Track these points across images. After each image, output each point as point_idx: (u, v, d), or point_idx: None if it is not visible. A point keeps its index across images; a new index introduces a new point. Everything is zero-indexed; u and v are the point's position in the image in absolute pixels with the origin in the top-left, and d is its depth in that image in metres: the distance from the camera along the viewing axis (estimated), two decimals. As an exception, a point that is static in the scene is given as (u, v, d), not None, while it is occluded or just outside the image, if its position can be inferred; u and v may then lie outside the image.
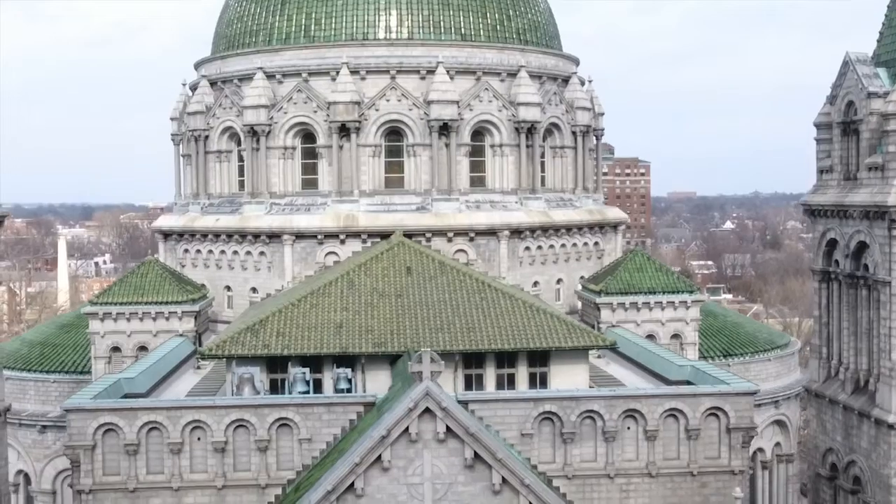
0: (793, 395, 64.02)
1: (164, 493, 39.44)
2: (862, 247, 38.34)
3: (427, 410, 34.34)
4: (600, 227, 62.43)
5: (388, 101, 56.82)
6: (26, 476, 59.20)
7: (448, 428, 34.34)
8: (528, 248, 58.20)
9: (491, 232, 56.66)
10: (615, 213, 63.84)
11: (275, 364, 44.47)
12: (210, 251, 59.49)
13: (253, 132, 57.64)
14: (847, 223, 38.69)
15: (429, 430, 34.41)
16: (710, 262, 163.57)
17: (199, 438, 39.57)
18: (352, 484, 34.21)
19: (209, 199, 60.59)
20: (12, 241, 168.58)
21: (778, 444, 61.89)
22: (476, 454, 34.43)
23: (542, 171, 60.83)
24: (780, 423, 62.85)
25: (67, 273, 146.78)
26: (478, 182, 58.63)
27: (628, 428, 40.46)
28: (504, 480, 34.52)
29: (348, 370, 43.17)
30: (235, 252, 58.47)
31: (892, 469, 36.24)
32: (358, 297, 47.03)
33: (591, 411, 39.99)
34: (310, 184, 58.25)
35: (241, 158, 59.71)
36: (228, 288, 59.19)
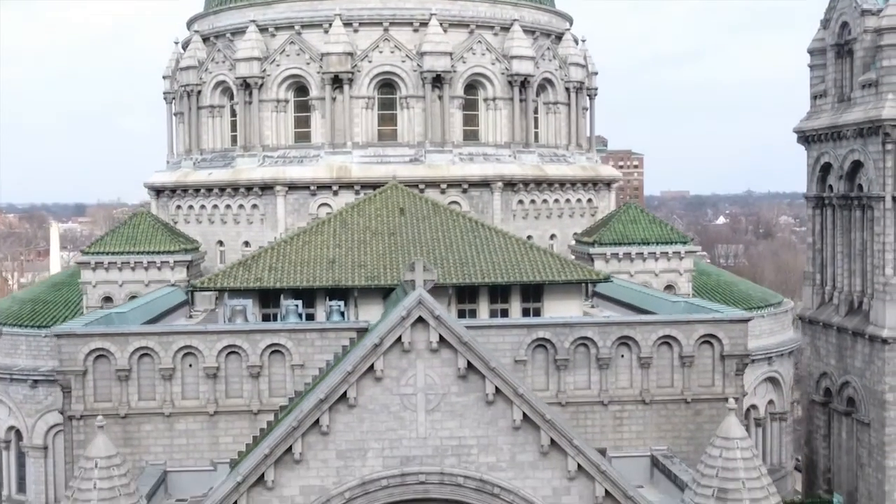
0: (786, 352, 63.83)
1: (155, 419, 39.18)
2: (856, 167, 38.26)
3: (420, 320, 34.08)
4: (594, 184, 62.30)
5: (380, 52, 56.73)
6: (17, 432, 58.71)
7: (441, 338, 34.08)
8: (521, 202, 58.04)
9: (484, 184, 56.51)
10: (609, 171, 63.79)
11: (267, 297, 44.30)
12: (202, 206, 59.24)
13: (245, 85, 57.49)
14: (841, 144, 38.62)
15: (422, 340, 34.16)
16: (703, 253, 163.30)
17: (190, 365, 39.34)
18: (344, 393, 33.92)
19: (202, 155, 60.40)
20: (5, 234, 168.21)
21: (771, 401, 61.63)
22: (469, 364, 34.17)
23: (536, 126, 60.78)
24: (773, 381, 62.63)
25: (60, 263, 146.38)
26: (471, 135, 58.53)
27: (622, 356, 40.29)
28: (497, 391, 34.25)
29: (341, 303, 42.97)
30: (228, 206, 58.23)
31: (885, 385, 36.08)
32: (351, 235, 46.90)
33: (585, 338, 39.82)
34: (303, 137, 58.09)
35: (233, 113, 59.54)
36: (221, 243, 58.93)
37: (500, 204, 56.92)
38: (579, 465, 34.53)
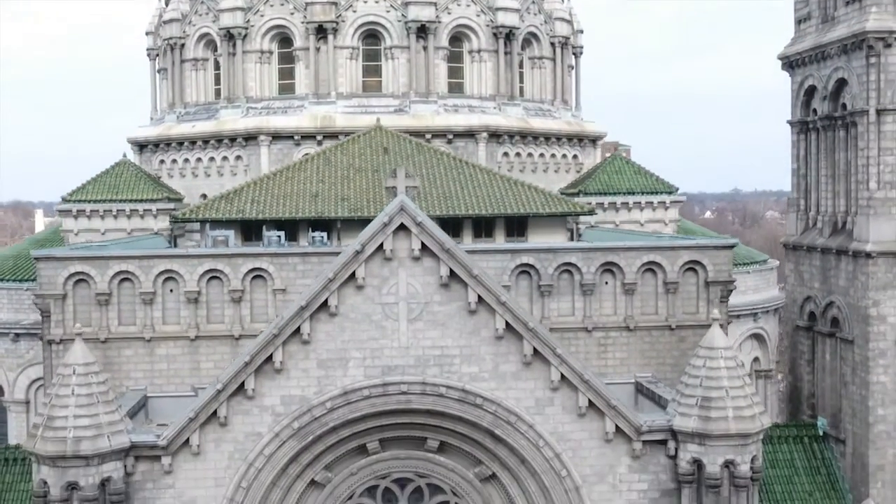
0: (771, 309, 63.80)
1: (135, 344, 38.82)
2: (840, 86, 38.18)
3: (402, 227, 33.86)
4: (579, 141, 62.13)
5: (365, 2, 56.46)
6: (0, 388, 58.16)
7: (423, 246, 33.85)
8: (506, 154, 57.81)
9: (469, 134, 56.25)
10: (594, 127, 63.59)
11: (249, 230, 43.99)
12: (186, 160, 58.84)
13: (229, 36, 57.20)
14: (825, 65, 38.55)
15: (404, 248, 33.94)
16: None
17: (171, 290, 38.98)
18: (325, 301, 33.66)
19: (185, 109, 60.03)
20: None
21: (756, 359, 61.49)
22: (452, 273, 33.95)
23: (521, 81, 60.56)
24: (758, 338, 62.53)
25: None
26: (456, 88, 58.28)
27: (606, 283, 40.07)
28: (480, 299, 34.03)
29: (324, 234, 42.66)
30: (212, 158, 57.85)
31: (869, 300, 35.94)
32: (334, 171, 46.64)
33: (569, 264, 39.58)
34: (287, 89, 57.77)
35: (217, 66, 59.17)
36: (205, 196, 58.34)
37: (484, 155, 56.62)
38: (562, 376, 34.35)
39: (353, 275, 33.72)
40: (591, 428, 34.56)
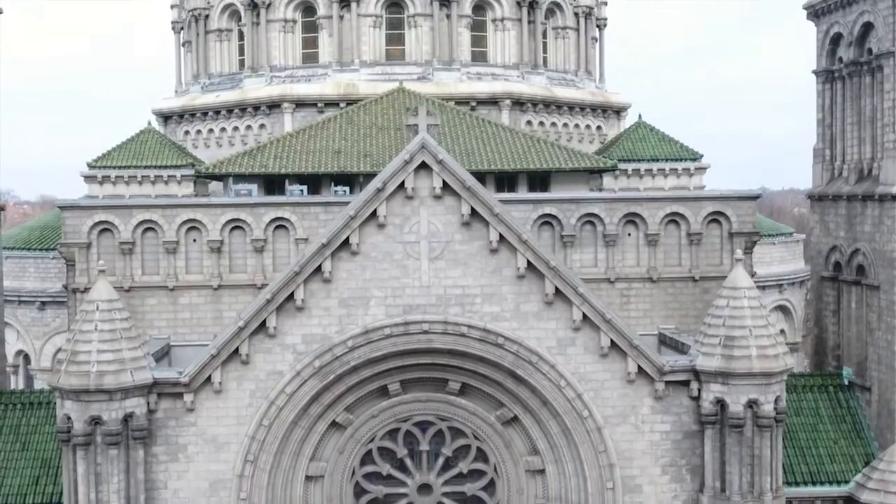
0: (797, 281, 63.43)
1: (159, 293, 39.00)
2: (866, 31, 37.87)
3: (423, 166, 33.84)
4: (603, 111, 61.92)
5: (388, -30, 56.59)
6: (26, 356, 58.60)
7: (444, 184, 33.81)
8: (529, 123, 57.65)
9: (492, 101, 56.13)
10: (618, 98, 63.38)
11: (272, 185, 44.12)
12: (210, 129, 59.07)
13: (254, 5, 57.41)
14: (850, 10, 38.27)
15: (425, 187, 33.92)
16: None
17: (194, 240, 39.17)
18: (347, 240, 33.67)
19: (209, 79, 60.32)
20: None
21: (782, 331, 61.06)
22: (473, 211, 33.89)
23: (545, 52, 60.46)
24: (784, 310, 62.24)
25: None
26: (479, 57, 58.22)
27: (629, 234, 39.95)
28: (501, 238, 33.95)
29: (346, 189, 42.75)
30: (236, 128, 58.05)
31: (895, 243, 35.61)
32: (357, 130, 46.74)
33: (592, 215, 39.50)
34: (310, 58, 57.87)
35: (241, 37, 59.40)
36: (229, 165, 58.69)
37: (507, 123, 56.45)
38: (584, 316, 34.20)
39: (374, 213, 33.72)
40: (613, 368, 34.38)
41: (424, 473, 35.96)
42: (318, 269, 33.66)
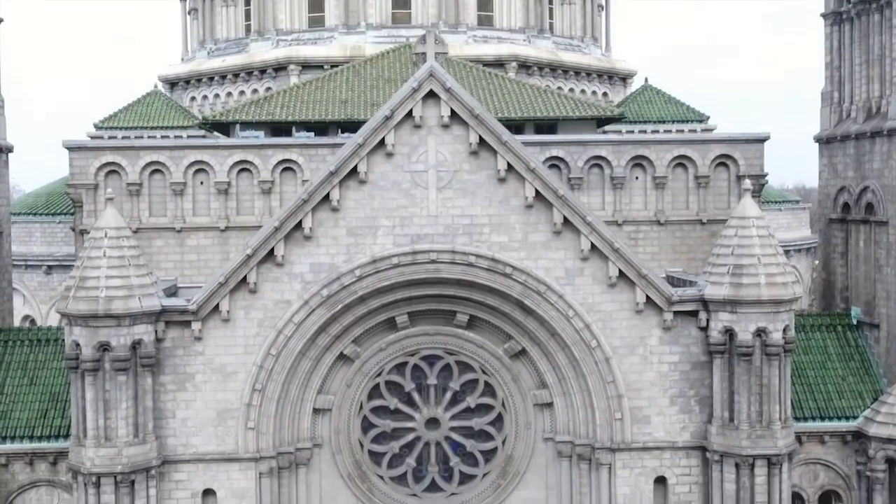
0: (804, 248, 63.37)
1: (166, 235, 38.95)
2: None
3: (431, 94, 33.84)
4: (609, 77, 61.95)
5: (394, -67, 56.69)
6: (32, 321, 58.55)
7: (453, 113, 33.80)
8: (535, 86, 57.64)
9: (498, 64, 56.05)
10: (625, 65, 63.39)
11: (279, 133, 43.91)
12: (216, 94, 59.16)
13: (260, -31, 57.51)
14: (859, -52, 38.35)
15: (433, 116, 33.90)
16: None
17: (201, 182, 39.13)
18: (355, 168, 33.66)
19: (216, 45, 60.43)
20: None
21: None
22: (481, 140, 33.86)
23: (551, 18, 60.52)
24: (792, 276, 62.03)
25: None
26: (485, 21, 58.27)
27: (636, 178, 39.89)
28: (509, 167, 33.92)
29: (353, 135, 42.57)
30: (242, 92, 58.09)
31: (904, 176, 35.60)
32: (363, 81, 46.72)
33: (599, 157, 39.44)
34: (316, 21, 57.91)
35: (247, 2, 59.49)
36: (235, 129, 58.73)
37: (514, 86, 56.47)
38: (592, 245, 34.14)
39: (382, 142, 33.70)
40: (622, 299, 34.32)
41: (432, 408, 35.91)
42: (327, 197, 33.64)
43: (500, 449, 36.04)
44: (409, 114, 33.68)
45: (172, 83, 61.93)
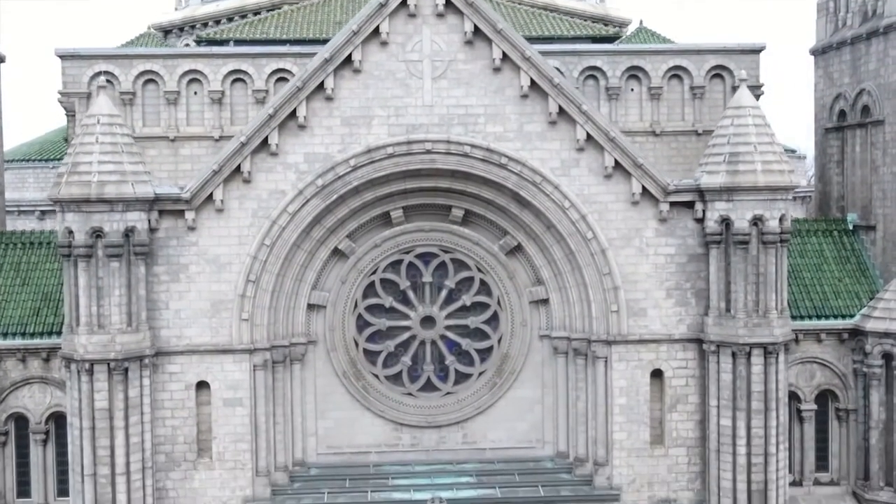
0: (798, 197, 63.27)
1: (160, 144, 38.73)
2: None
3: (426, -16, 33.73)
4: (604, 25, 61.77)
5: None
6: (24, 267, 58.23)
7: (447, 2, 33.66)
8: (530, 30, 57.55)
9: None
10: (619, 13, 63.31)
11: (273, 52, 43.80)
12: (211, 40, 58.92)
13: (254, -88, 57.44)
14: None
15: (428, 5, 33.71)
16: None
17: (195, 93, 38.91)
18: (349, 57, 33.50)
19: (211, -9, 60.30)
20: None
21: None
22: (476, 29, 33.74)
23: (544, -36, 60.46)
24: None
25: None
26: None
27: (632, 89, 39.76)
28: (505, 56, 33.79)
29: (348, 54, 42.41)
30: (237, 35, 57.89)
31: (900, 71, 35.56)
32: (358, 7, 46.40)
33: (594, 68, 39.32)
34: (312, -34, 57.82)
35: (243, -53, 59.42)
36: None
37: (508, 27, 56.39)
38: (588, 135, 33.99)
39: (377, 31, 33.52)
40: (618, 190, 34.19)
41: (427, 306, 35.71)
42: (321, 86, 33.47)
43: (495, 347, 35.84)
44: (404, 3, 33.52)
45: (166, 31, 61.68)
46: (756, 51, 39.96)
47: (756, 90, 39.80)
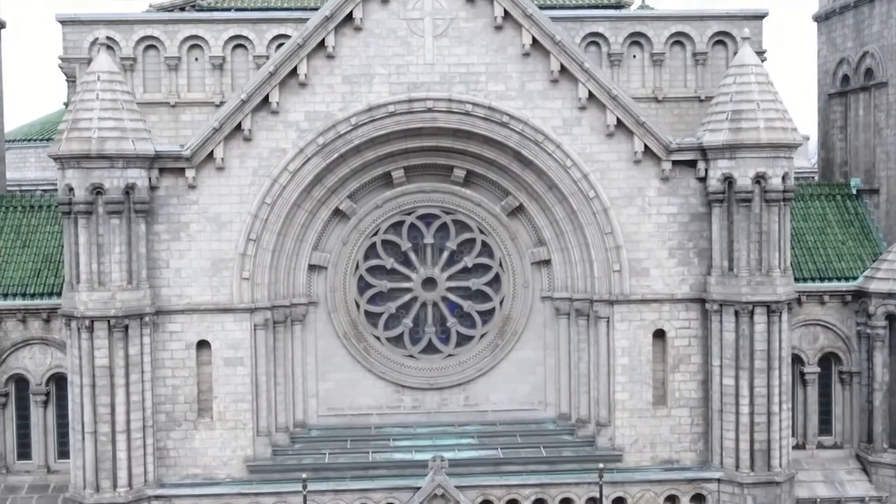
0: (801, 177, 63.00)
1: (160, 110, 38.62)
2: None
3: (426, -60, 33.61)
4: (606, 3, 61.71)
5: None
6: (26, 245, 58.18)
7: (448, -40, 33.58)
8: (532, 7, 57.42)
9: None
10: (620, -8, 63.16)
11: (274, 18, 43.66)
12: (212, 18, 58.85)
13: None
14: None
15: (429, -37, 33.62)
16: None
17: (196, 59, 38.82)
18: (350, 14, 33.38)
19: (211, -31, 60.15)
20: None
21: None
22: (477, -13, 33.62)
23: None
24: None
25: None
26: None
27: (634, 56, 39.60)
28: (506, 14, 33.66)
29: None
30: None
31: (903, 23, 35.43)
32: (360, -23, 46.41)
33: (596, 34, 39.17)
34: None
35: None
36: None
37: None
38: (590, 94, 33.86)
39: (378, -13, 33.43)
40: (620, 149, 34.07)
41: (429, 268, 35.60)
42: (322, 44, 33.37)
43: (497, 309, 35.71)
44: (408, -45, 33.41)
45: (168, 11, 61.49)
46: (759, 17, 39.81)
47: (759, 56, 39.60)
